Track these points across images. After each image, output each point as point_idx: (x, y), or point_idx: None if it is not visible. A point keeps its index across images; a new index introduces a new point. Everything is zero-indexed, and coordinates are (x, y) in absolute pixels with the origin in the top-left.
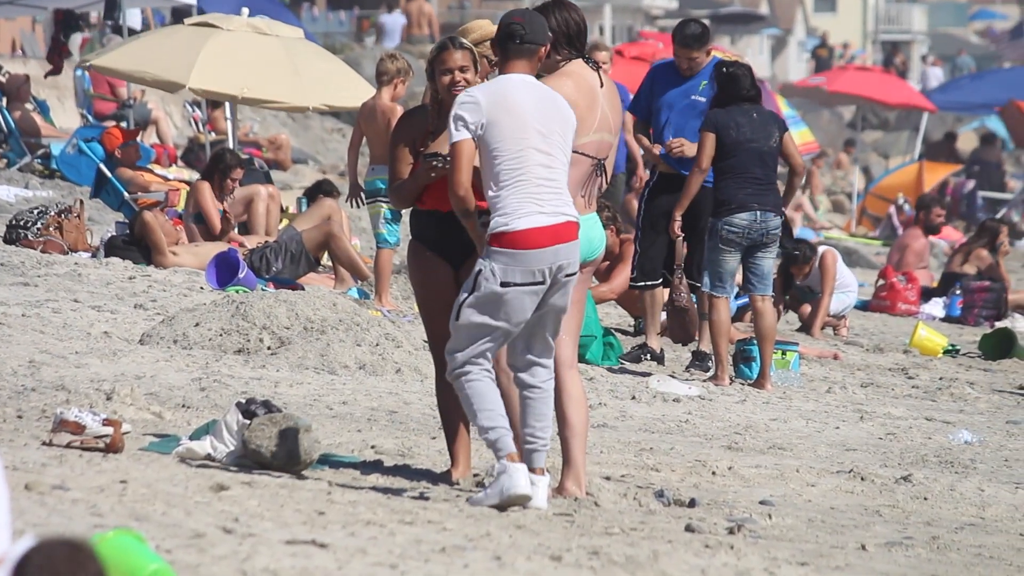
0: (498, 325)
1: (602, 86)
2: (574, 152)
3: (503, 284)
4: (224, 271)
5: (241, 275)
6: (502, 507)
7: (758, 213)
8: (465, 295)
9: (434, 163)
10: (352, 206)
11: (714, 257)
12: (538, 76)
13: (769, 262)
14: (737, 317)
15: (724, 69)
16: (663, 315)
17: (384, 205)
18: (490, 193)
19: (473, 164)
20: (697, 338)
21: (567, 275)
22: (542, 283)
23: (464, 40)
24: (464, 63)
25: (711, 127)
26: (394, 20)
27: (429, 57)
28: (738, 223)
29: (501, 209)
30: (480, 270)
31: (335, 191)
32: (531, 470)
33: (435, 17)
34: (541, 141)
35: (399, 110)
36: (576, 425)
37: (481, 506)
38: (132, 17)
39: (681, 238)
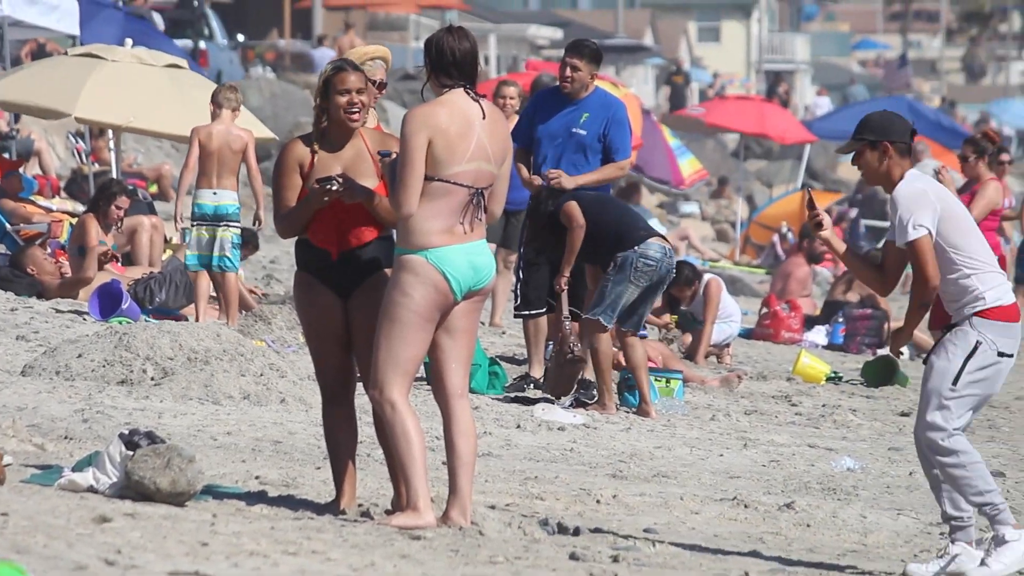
0: (984, 395)
1: (484, 117)
2: (444, 181)
3: (1000, 354)
4: (107, 302)
5: (124, 306)
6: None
7: (665, 246)
8: (961, 362)
9: (328, 187)
10: (177, 230)
11: (620, 290)
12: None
13: (653, 303)
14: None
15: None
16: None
17: (233, 229)
18: (963, 273)
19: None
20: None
21: None
22: (1013, 356)
23: (356, 63)
24: (360, 85)
25: (569, 197)
26: (322, 54)
27: (323, 78)
28: (653, 254)
29: (984, 286)
30: (979, 342)
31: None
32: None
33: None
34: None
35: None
36: (464, 455)
37: None
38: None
39: (565, 290)
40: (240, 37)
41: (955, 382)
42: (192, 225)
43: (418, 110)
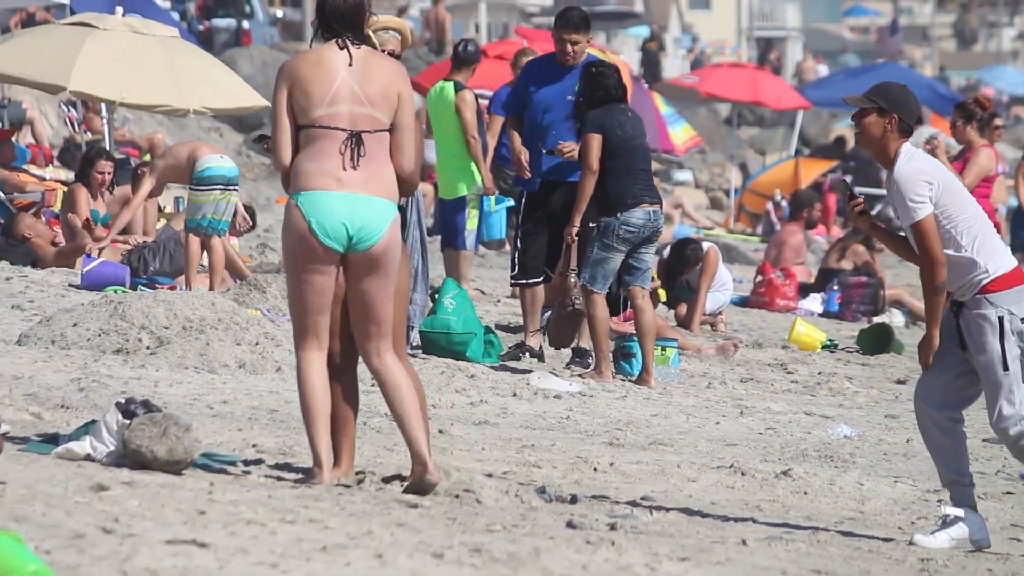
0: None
1: (351, 63)
2: (312, 127)
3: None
4: (104, 279)
5: (95, 268)
6: None
7: (651, 210)
8: (998, 346)
9: (265, 146)
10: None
11: (604, 255)
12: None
13: (650, 257)
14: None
15: (592, 70)
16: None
17: (236, 195)
18: (962, 246)
19: None
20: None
21: None
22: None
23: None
24: None
25: (596, 128)
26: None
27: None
28: (635, 222)
29: (984, 257)
30: (1000, 318)
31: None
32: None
33: (449, 22)
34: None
35: None
36: (401, 410)
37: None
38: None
39: (575, 242)
40: (279, 13)
41: (1005, 367)
42: (208, 189)
43: (284, 63)
